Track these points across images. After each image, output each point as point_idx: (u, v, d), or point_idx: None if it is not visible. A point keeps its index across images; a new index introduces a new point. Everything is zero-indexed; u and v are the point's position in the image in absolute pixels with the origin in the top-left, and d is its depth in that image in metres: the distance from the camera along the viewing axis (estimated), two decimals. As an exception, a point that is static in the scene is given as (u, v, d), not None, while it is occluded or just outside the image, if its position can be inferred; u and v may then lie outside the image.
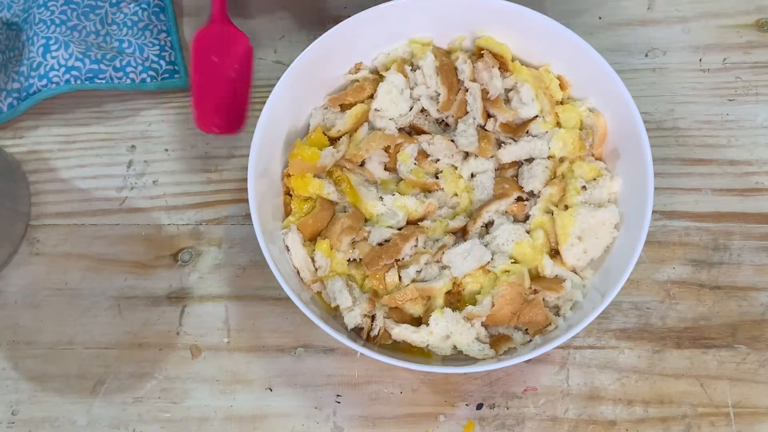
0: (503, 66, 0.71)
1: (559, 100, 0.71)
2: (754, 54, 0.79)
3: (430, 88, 0.71)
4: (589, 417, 0.68)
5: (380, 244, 0.68)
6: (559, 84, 0.71)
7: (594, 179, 0.68)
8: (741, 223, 0.74)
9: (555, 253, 0.68)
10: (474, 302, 0.66)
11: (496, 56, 0.70)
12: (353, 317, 0.65)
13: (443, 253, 0.67)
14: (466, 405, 0.69)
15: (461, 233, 0.69)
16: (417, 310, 0.67)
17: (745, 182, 0.75)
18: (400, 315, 0.67)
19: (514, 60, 0.71)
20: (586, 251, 0.67)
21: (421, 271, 0.67)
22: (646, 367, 0.70)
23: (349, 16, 0.70)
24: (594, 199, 0.68)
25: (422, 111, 0.72)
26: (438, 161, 0.71)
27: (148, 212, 0.76)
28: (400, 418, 0.69)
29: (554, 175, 0.69)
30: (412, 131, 0.72)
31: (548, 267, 0.67)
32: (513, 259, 0.67)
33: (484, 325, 0.66)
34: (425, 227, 0.69)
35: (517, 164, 0.71)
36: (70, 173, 0.78)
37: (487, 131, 0.71)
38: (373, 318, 0.66)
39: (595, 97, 0.70)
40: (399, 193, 0.70)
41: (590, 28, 0.80)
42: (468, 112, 0.71)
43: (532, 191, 0.69)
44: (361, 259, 0.68)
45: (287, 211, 0.70)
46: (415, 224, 0.69)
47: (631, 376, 0.70)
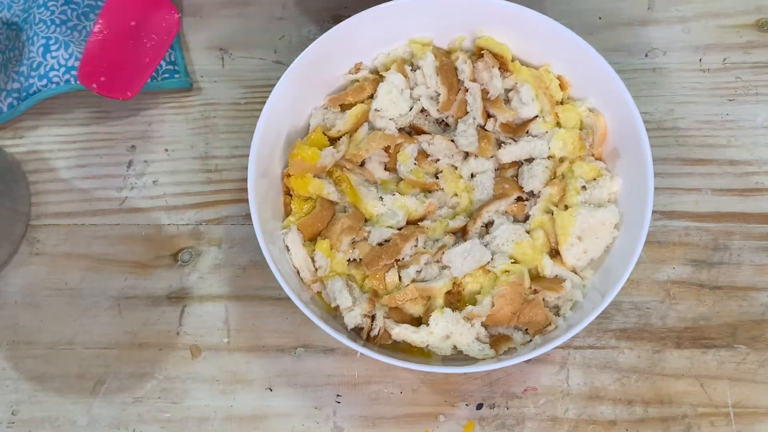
0: (503, 66, 0.71)
1: (559, 100, 0.71)
2: (754, 54, 0.79)
3: (430, 88, 0.71)
4: (589, 417, 0.68)
5: (380, 244, 0.68)
6: (559, 84, 0.71)
7: (594, 179, 0.68)
8: (741, 223, 0.74)
9: (555, 253, 0.68)
10: (474, 302, 0.66)
11: (496, 56, 0.70)
12: (353, 317, 0.65)
13: (443, 253, 0.67)
14: (466, 405, 0.69)
15: (461, 233, 0.69)
16: (417, 310, 0.67)
17: (745, 182, 0.75)
18: (400, 315, 0.67)
19: (514, 60, 0.71)
20: (586, 251, 0.67)
21: (421, 271, 0.67)
22: (646, 367, 0.70)
23: (349, 16, 0.70)
24: (594, 199, 0.68)
25: (422, 111, 0.72)
26: (438, 161, 0.71)
27: (148, 212, 0.76)
28: (400, 418, 0.69)
29: (554, 175, 0.69)
30: (412, 131, 0.72)
31: (548, 267, 0.67)
32: (513, 259, 0.67)
33: (484, 325, 0.66)
34: (425, 227, 0.69)
35: (517, 164, 0.71)
36: (70, 173, 0.78)
37: (487, 131, 0.71)
38: (373, 318, 0.66)
39: (595, 97, 0.70)
40: (399, 193, 0.70)
41: (590, 28, 0.80)
42: (468, 112, 0.71)
43: (532, 191, 0.69)
44: (361, 259, 0.68)
45: (287, 211, 0.70)
46: (415, 224, 0.69)
47: (631, 376, 0.70)
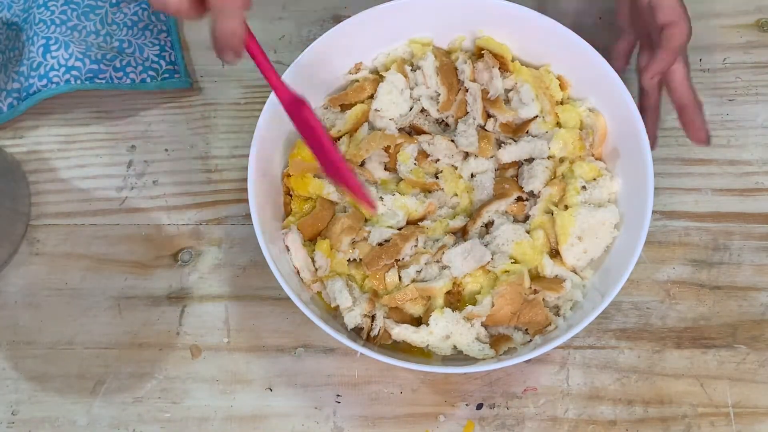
0: (503, 66, 0.71)
1: (559, 100, 0.71)
2: (754, 54, 0.79)
3: (430, 88, 0.71)
4: (589, 417, 0.68)
5: (380, 244, 0.68)
6: (559, 84, 0.70)
7: (594, 179, 0.68)
8: (741, 223, 0.74)
9: (555, 253, 0.68)
10: (474, 302, 0.66)
11: (496, 56, 0.70)
12: (353, 317, 0.65)
13: (443, 253, 0.67)
14: (466, 405, 0.69)
15: (461, 233, 0.69)
16: (417, 310, 0.67)
17: (745, 182, 0.75)
18: (400, 315, 0.67)
19: (514, 60, 0.71)
20: (586, 251, 0.67)
21: (421, 271, 0.67)
22: (646, 367, 0.70)
23: (349, 16, 0.70)
24: (594, 199, 0.68)
25: (422, 111, 0.72)
26: (438, 161, 0.71)
27: (148, 212, 0.76)
28: (400, 418, 0.69)
29: (554, 175, 0.69)
30: (412, 131, 0.72)
31: (548, 267, 0.67)
32: (513, 259, 0.67)
33: (484, 325, 0.66)
34: (425, 227, 0.69)
35: (517, 164, 0.71)
36: (70, 173, 0.78)
37: (487, 131, 0.71)
38: (373, 318, 0.66)
39: (595, 97, 0.70)
40: (399, 193, 0.70)
41: (590, 28, 0.80)
42: (468, 112, 0.71)
43: (532, 191, 0.69)
44: (361, 259, 0.68)
45: (287, 211, 0.70)
46: (415, 224, 0.69)
47: (631, 376, 0.69)
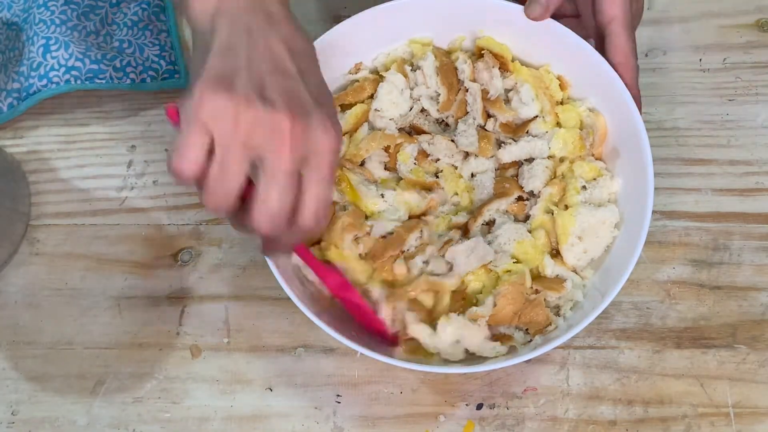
0: (503, 66, 0.71)
1: (559, 100, 0.71)
2: (754, 54, 0.79)
3: (430, 88, 0.71)
4: (589, 417, 0.68)
5: (383, 237, 0.68)
6: (559, 84, 0.70)
7: (594, 179, 0.68)
8: (741, 223, 0.74)
9: (555, 253, 0.68)
10: (476, 302, 0.66)
11: (496, 56, 0.70)
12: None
13: (449, 246, 0.67)
14: (466, 405, 0.69)
15: (462, 232, 0.69)
16: (428, 300, 0.66)
17: (745, 182, 0.75)
18: (417, 305, 0.66)
19: (514, 60, 0.71)
20: (587, 251, 0.67)
21: (428, 263, 0.67)
22: (646, 367, 0.70)
23: (349, 16, 0.70)
24: (594, 198, 0.68)
25: (422, 111, 0.72)
26: (438, 161, 0.71)
27: (148, 212, 0.76)
28: (400, 418, 0.69)
29: (554, 175, 0.69)
30: (412, 131, 0.72)
31: (549, 267, 0.67)
32: (515, 259, 0.67)
33: (488, 324, 0.66)
34: (429, 221, 0.68)
35: (518, 164, 0.71)
36: (70, 173, 0.78)
37: (487, 131, 0.71)
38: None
39: (595, 98, 0.70)
40: (394, 183, 0.70)
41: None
42: (468, 112, 0.71)
43: (532, 191, 0.69)
44: (366, 254, 0.67)
45: None
46: (417, 218, 0.69)
47: (631, 376, 0.69)
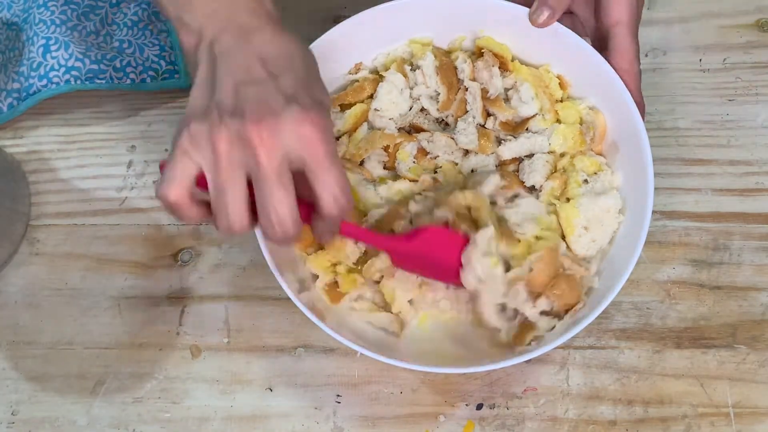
0: (503, 65, 0.71)
1: (558, 98, 0.71)
2: (754, 54, 0.79)
3: (429, 87, 0.71)
4: (589, 417, 0.68)
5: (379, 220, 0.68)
6: (559, 83, 0.70)
7: (595, 173, 0.69)
8: (741, 223, 0.74)
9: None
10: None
11: (496, 56, 0.70)
12: None
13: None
14: (466, 405, 0.69)
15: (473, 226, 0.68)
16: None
17: (745, 182, 0.75)
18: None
19: (514, 60, 0.71)
20: (595, 240, 0.67)
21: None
22: (646, 367, 0.70)
23: (349, 16, 0.70)
24: (596, 189, 0.68)
25: (422, 110, 0.72)
26: (437, 158, 0.71)
27: (148, 212, 0.76)
28: (400, 418, 0.69)
29: (555, 169, 0.69)
30: (411, 130, 0.72)
31: (562, 251, 0.66)
32: (543, 226, 0.67)
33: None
34: (436, 179, 0.69)
35: (518, 161, 0.71)
36: (70, 173, 0.78)
37: (486, 129, 0.71)
38: None
39: (595, 97, 0.70)
40: (391, 180, 0.70)
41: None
42: (468, 111, 0.71)
43: (533, 186, 0.69)
44: (366, 252, 0.67)
45: None
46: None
47: (631, 376, 0.69)
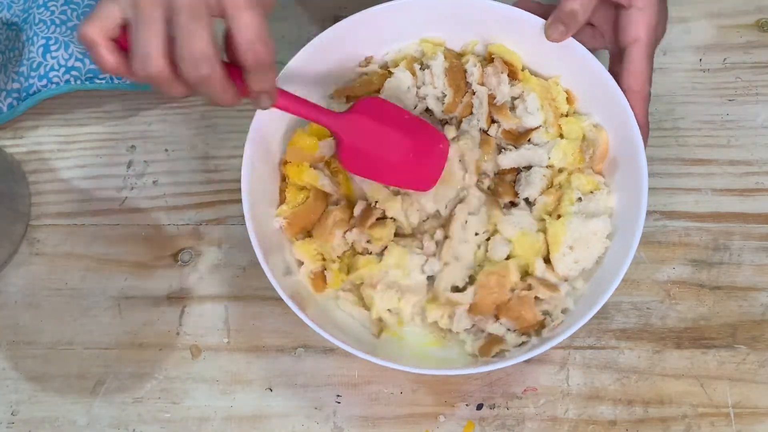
0: (512, 74, 0.70)
1: (564, 112, 0.70)
2: (754, 54, 0.79)
3: (437, 88, 0.71)
4: (589, 417, 0.68)
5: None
6: (567, 98, 0.70)
7: (591, 192, 0.68)
8: (741, 223, 0.74)
9: (546, 261, 0.67)
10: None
11: (506, 63, 0.70)
12: None
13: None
14: (466, 405, 0.69)
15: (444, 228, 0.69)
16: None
17: (745, 182, 0.75)
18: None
19: (524, 69, 0.71)
20: (578, 261, 0.66)
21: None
22: (646, 368, 0.70)
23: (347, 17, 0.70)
24: (588, 210, 0.67)
25: (427, 110, 0.72)
26: None
27: (148, 212, 0.76)
28: (400, 419, 0.69)
29: (551, 185, 0.69)
30: None
31: (539, 269, 0.66)
32: (512, 247, 0.67)
33: (469, 314, 0.66)
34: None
35: (516, 171, 0.70)
36: (70, 173, 0.78)
37: (489, 136, 0.70)
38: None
39: (600, 115, 0.69)
40: None
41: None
42: (473, 114, 0.71)
43: (527, 198, 0.69)
44: (353, 246, 0.68)
45: (282, 199, 0.70)
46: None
47: (631, 376, 0.70)
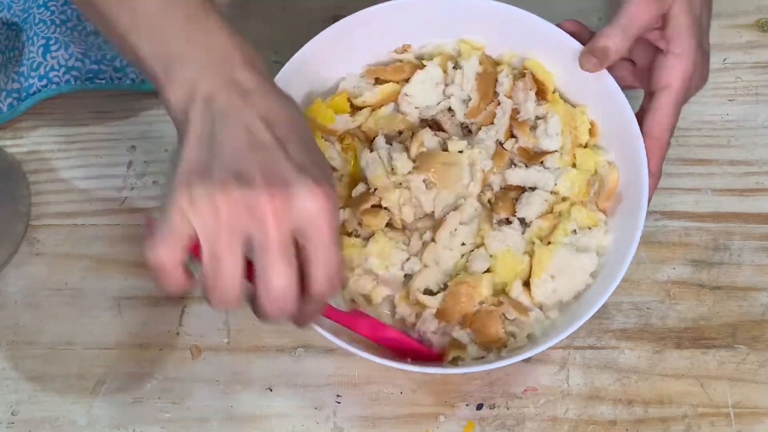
0: (541, 93, 0.70)
1: (583, 143, 0.69)
2: (754, 54, 0.79)
3: (464, 90, 0.71)
4: (589, 417, 0.68)
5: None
6: (590, 129, 0.69)
7: (588, 228, 0.67)
8: (741, 223, 0.74)
9: (525, 284, 0.66)
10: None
11: (537, 82, 0.70)
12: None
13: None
14: (466, 405, 0.69)
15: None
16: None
17: (745, 182, 0.75)
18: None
19: (555, 92, 0.70)
20: (556, 291, 0.65)
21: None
22: (646, 368, 0.70)
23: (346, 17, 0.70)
24: (580, 243, 0.66)
25: (449, 110, 0.72)
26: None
27: (148, 212, 0.76)
28: (401, 419, 0.69)
29: (551, 211, 0.68)
30: (432, 126, 0.72)
31: (516, 291, 0.65)
32: (494, 263, 0.66)
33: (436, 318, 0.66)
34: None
35: (522, 189, 0.69)
36: (70, 173, 0.78)
37: (504, 149, 0.70)
38: None
39: (615, 153, 0.69)
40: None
41: (590, 28, 0.80)
42: (492, 125, 0.71)
43: (524, 218, 0.68)
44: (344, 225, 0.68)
45: None
46: None
47: (631, 377, 0.70)
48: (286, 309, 0.52)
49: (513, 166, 0.70)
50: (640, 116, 0.66)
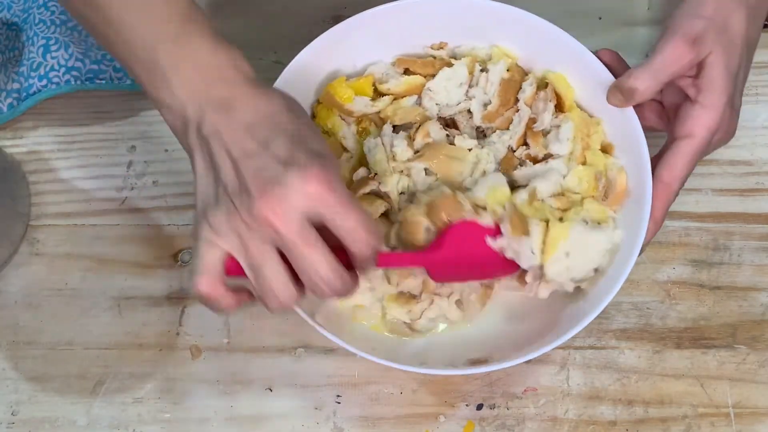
0: (560, 107, 0.69)
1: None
2: (755, 54, 0.79)
3: (486, 94, 0.71)
4: (589, 417, 0.68)
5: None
6: (602, 148, 0.68)
7: (598, 223, 0.66)
8: (741, 223, 0.74)
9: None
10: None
11: (558, 96, 0.69)
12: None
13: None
14: (466, 405, 0.69)
15: None
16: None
17: (745, 182, 0.75)
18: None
19: (574, 109, 0.69)
20: (569, 269, 0.64)
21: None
22: (647, 368, 0.70)
23: (347, 17, 0.70)
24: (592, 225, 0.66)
25: (468, 112, 0.72)
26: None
27: (148, 212, 0.76)
28: (401, 419, 0.69)
29: (562, 194, 0.67)
30: (450, 124, 0.72)
31: (548, 264, 0.64)
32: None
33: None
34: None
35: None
36: (70, 173, 0.78)
37: (514, 156, 0.69)
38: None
39: (627, 166, 0.68)
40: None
41: (590, 28, 0.80)
42: (507, 130, 0.70)
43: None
44: None
45: None
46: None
47: (631, 377, 0.70)
48: (338, 288, 0.54)
49: (519, 166, 0.69)
50: (656, 159, 0.65)
